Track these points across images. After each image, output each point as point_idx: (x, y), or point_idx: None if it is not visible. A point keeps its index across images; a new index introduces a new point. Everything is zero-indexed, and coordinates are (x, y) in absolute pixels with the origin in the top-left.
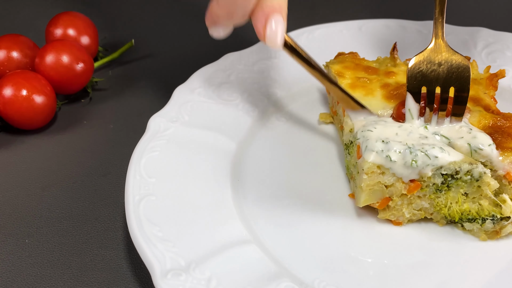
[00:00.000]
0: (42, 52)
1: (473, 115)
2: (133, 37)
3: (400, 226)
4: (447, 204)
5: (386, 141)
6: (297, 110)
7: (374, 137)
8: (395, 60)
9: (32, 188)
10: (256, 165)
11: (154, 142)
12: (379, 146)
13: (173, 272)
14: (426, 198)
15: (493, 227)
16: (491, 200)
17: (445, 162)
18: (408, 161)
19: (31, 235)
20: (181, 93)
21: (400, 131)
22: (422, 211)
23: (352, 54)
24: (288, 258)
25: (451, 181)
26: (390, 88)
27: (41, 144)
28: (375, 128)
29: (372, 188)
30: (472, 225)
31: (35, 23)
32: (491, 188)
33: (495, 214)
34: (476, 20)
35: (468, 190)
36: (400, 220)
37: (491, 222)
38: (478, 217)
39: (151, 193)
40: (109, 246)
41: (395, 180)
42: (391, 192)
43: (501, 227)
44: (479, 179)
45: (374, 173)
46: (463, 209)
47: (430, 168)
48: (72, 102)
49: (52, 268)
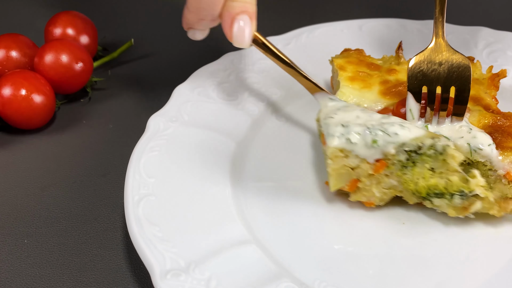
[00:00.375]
0: (41, 52)
1: (473, 114)
2: (132, 36)
3: (373, 206)
4: (414, 180)
5: (346, 124)
6: (297, 109)
7: (334, 123)
8: (400, 59)
9: (31, 188)
10: (256, 165)
11: (153, 142)
12: (339, 130)
13: (173, 272)
14: (394, 176)
15: (461, 202)
16: (460, 176)
17: (406, 138)
18: (368, 141)
19: (30, 235)
20: (180, 92)
21: (361, 113)
22: (391, 189)
23: (358, 51)
24: (289, 258)
25: (415, 156)
26: (389, 84)
27: (40, 144)
28: (336, 114)
29: (339, 171)
30: (440, 201)
31: (34, 23)
32: (456, 160)
33: (464, 189)
34: (476, 20)
35: (434, 165)
36: (371, 200)
37: (459, 198)
38: (446, 192)
39: (150, 193)
40: (108, 246)
41: (359, 161)
42: (358, 173)
43: (470, 203)
44: (443, 153)
45: (338, 157)
46: (430, 184)
47: (392, 145)
48: (71, 101)
49: (51, 268)
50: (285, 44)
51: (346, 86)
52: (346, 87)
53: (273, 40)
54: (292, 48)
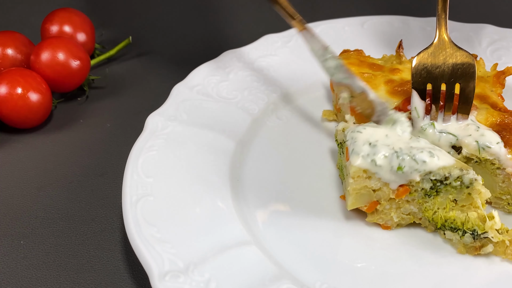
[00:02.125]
0: (37, 49)
1: (480, 112)
2: (130, 34)
3: (389, 230)
4: (433, 209)
5: (373, 144)
6: (298, 108)
7: (362, 140)
8: (401, 58)
9: (27, 188)
10: (256, 164)
11: (152, 141)
12: (365, 149)
13: (172, 274)
14: (415, 203)
15: (472, 242)
16: (480, 214)
17: (434, 167)
18: (394, 166)
19: (26, 236)
20: (179, 91)
21: (390, 132)
22: (410, 215)
23: (357, 51)
24: (289, 259)
25: (440, 186)
26: (394, 84)
27: (36, 143)
28: (365, 129)
29: (359, 192)
30: (452, 235)
31: (30, 20)
32: (482, 196)
33: (477, 229)
34: (480, 17)
35: (458, 197)
36: (388, 224)
37: (470, 237)
38: (461, 228)
39: (148, 193)
40: (106, 247)
41: (382, 184)
42: (379, 196)
43: (482, 244)
44: (469, 186)
45: (360, 177)
46: (448, 216)
47: (417, 173)
48: (68, 100)
49: (48, 270)
50: (285, 42)
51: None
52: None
53: (273, 37)
54: (292, 45)
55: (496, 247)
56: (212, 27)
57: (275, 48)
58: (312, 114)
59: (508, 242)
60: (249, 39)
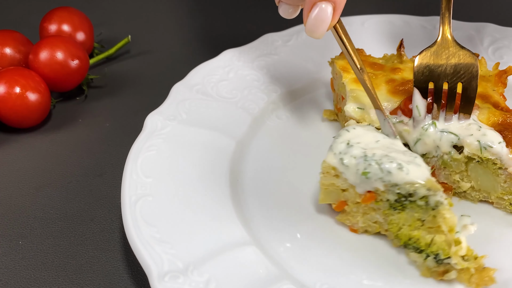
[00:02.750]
0: (36, 49)
1: (482, 112)
2: (129, 33)
3: (357, 233)
4: (399, 224)
5: (351, 144)
6: (298, 107)
7: (343, 138)
8: (402, 57)
9: (25, 188)
10: (256, 164)
11: (151, 141)
12: (341, 147)
13: (171, 274)
14: (381, 213)
15: (435, 266)
16: (448, 238)
17: (400, 180)
18: (360, 169)
19: (24, 237)
20: (179, 90)
21: (383, 140)
22: (377, 224)
23: (358, 51)
24: (289, 260)
25: (405, 201)
26: (395, 83)
27: (35, 143)
28: (354, 129)
29: (328, 188)
30: (416, 256)
31: (29, 19)
32: (446, 222)
33: (441, 253)
34: (482, 16)
35: (424, 217)
36: (355, 227)
37: (433, 260)
38: (424, 250)
39: (148, 193)
40: (105, 248)
41: (348, 186)
42: (347, 197)
43: (446, 269)
44: (435, 208)
45: (329, 174)
46: (413, 235)
47: (382, 182)
48: (67, 99)
49: (46, 270)
50: (285, 41)
51: (355, 90)
52: (355, 91)
53: (273, 36)
54: (292, 45)
55: (461, 274)
56: (212, 25)
57: (275, 47)
58: (313, 114)
59: (474, 269)
60: (249, 38)
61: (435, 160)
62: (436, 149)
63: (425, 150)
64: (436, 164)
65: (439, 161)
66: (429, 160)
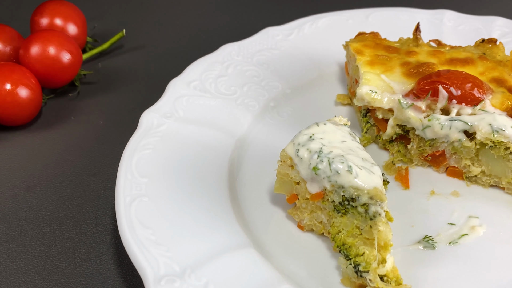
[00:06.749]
0: (26, 43)
1: (495, 96)
2: (124, 26)
3: (303, 231)
4: (339, 228)
5: (313, 138)
6: (300, 104)
7: (309, 131)
8: (418, 41)
9: (16, 188)
10: (256, 164)
11: (146, 139)
12: (302, 139)
13: (167, 278)
14: (326, 213)
15: (354, 276)
16: (375, 253)
17: (346, 182)
18: (312, 164)
19: (15, 239)
20: (175, 86)
21: (351, 142)
22: (322, 225)
23: (373, 34)
24: (289, 262)
25: (348, 205)
26: (410, 66)
27: (25, 141)
28: (325, 125)
29: (282, 178)
30: (342, 261)
31: (20, 12)
32: (380, 235)
33: (362, 264)
34: (491, 9)
35: (362, 226)
36: (302, 224)
37: (353, 270)
38: (351, 258)
39: (143, 193)
40: (98, 250)
41: (300, 179)
42: (298, 190)
43: (363, 284)
44: (372, 218)
45: (285, 163)
46: (347, 241)
47: (328, 181)
48: (58, 96)
49: (38, 274)
50: (286, 35)
51: (368, 72)
52: (369, 73)
53: (273, 30)
54: (293, 39)
55: None
56: (210, 19)
57: (276, 42)
58: (315, 110)
59: None
60: (248, 32)
61: (445, 146)
62: (445, 137)
63: (434, 136)
64: (446, 149)
65: (449, 147)
66: (438, 145)
